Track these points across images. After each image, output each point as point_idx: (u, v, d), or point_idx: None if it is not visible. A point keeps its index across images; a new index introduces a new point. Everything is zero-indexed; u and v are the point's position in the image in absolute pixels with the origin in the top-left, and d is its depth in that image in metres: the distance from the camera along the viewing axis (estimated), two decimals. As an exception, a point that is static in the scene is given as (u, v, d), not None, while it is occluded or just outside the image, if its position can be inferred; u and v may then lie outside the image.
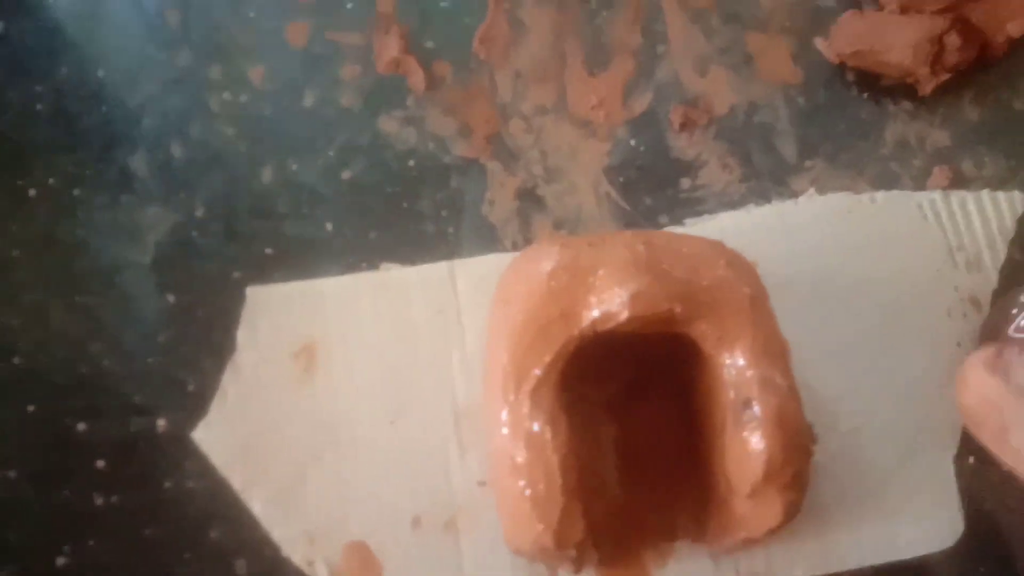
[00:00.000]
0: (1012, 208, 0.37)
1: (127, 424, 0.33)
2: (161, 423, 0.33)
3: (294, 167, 0.37)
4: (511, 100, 0.39)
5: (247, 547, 0.32)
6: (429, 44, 0.39)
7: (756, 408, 0.28)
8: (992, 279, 0.36)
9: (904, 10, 0.39)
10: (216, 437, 0.33)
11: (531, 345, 0.28)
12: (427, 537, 0.32)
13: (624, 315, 0.28)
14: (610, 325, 0.28)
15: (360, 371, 0.34)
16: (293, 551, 0.32)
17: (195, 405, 0.33)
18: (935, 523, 0.33)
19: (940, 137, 0.39)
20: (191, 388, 0.33)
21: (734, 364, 0.28)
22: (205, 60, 0.38)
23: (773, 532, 0.28)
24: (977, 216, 0.37)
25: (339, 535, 0.32)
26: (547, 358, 0.28)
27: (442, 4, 0.40)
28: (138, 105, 0.37)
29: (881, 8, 0.40)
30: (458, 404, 0.34)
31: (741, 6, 0.41)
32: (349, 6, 0.39)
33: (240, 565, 0.32)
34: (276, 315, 0.34)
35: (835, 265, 0.36)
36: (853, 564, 0.33)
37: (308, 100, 0.38)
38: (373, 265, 0.36)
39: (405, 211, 0.37)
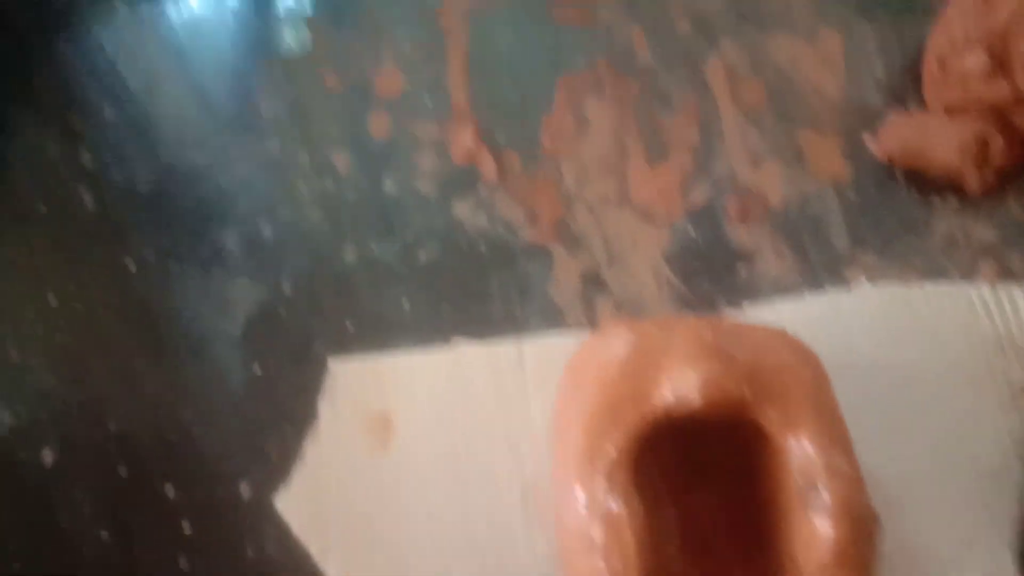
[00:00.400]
0: (1060, 302, 0.39)
1: (213, 489, 0.35)
2: (244, 488, 0.35)
3: (374, 248, 0.39)
4: (575, 189, 0.41)
5: (324, 613, 0.33)
6: (500, 136, 0.42)
7: (823, 494, 0.29)
8: (1043, 371, 0.38)
9: (949, 111, 0.42)
10: (296, 503, 0.34)
11: (605, 426, 0.30)
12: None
13: (696, 401, 0.29)
14: (683, 411, 0.30)
15: (432, 443, 0.36)
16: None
17: (277, 471, 0.35)
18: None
19: (987, 233, 0.41)
20: (273, 455, 0.35)
21: (800, 450, 0.30)
22: (293, 147, 0.41)
23: (838, 615, 0.29)
24: (1025, 309, 0.39)
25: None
26: (621, 439, 0.30)
27: (511, 99, 0.43)
28: (231, 187, 0.40)
29: (927, 109, 0.42)
30: (526, 479, 0.35)
31: (792, 106, 0.43)
32: (427, 101, 0.42)
33: (317, 631, 0.33)
34: (355, 386, 0.36)
35: (888, 354, 0.38)
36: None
37: (388, 186, 0.41)
38: (445, 340, 0.38)
39: (475, 291, 0.39)
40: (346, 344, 0.37)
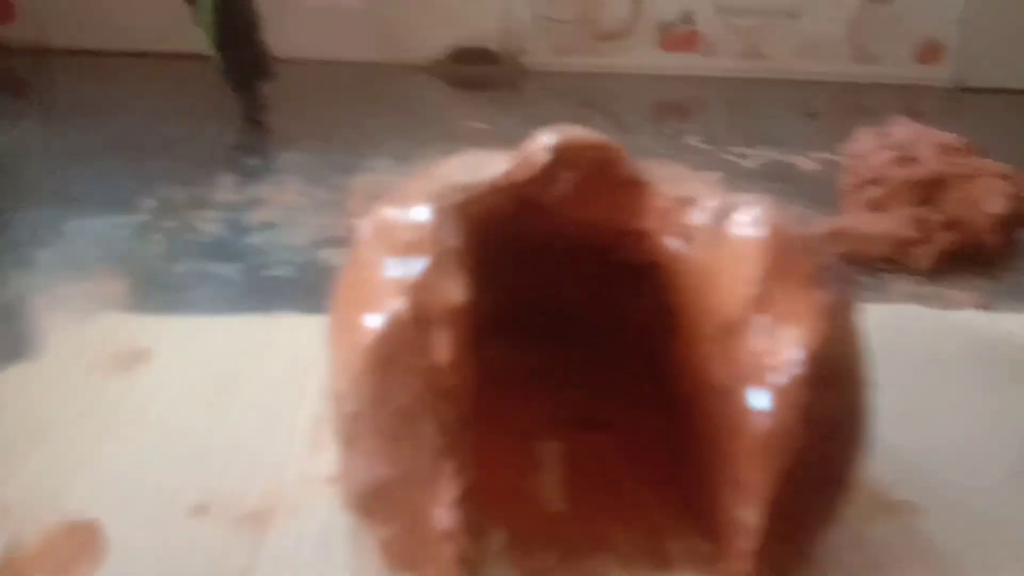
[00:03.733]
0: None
1: None
2: None
3: (210, 267, 0.33)
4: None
5: None
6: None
7: (738, 217, 0.18)
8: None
9: (872, 207, 0.38)
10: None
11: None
12: (208, 529, 0.18)
13: (547, 151, 0.21)
14: (532, 170, 0.21)
15: (195, 366, 0.24)
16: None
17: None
18: None
19: (959, 297, 0.34)
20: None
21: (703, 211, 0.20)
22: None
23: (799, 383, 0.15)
24: None
25: (53, 513, 0.18)
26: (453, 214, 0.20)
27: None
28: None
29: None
30: (320, 412, 0.22)
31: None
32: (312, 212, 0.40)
33: None
34: (109, 326, 0.26)
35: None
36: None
37: (251, 238, 0.36)
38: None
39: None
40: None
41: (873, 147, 0.40)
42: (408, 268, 0.16)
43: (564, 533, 0.18)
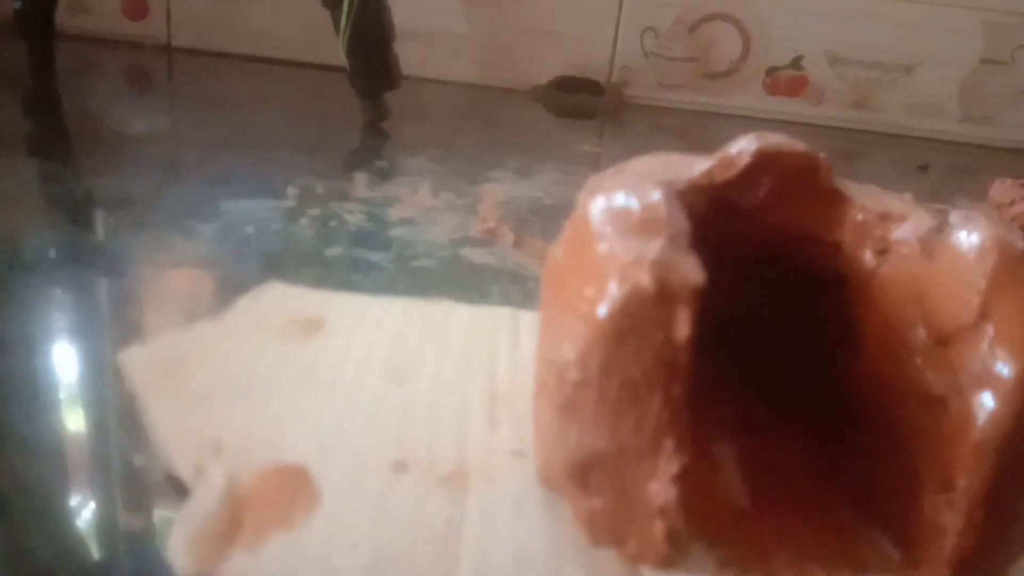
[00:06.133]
0: None
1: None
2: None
3: (361, 252, 0.34)
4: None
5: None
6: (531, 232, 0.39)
7: (959, 229, 0.18)
8: None
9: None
10: (145, 357, 0.23)
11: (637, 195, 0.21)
12: (411, 484, 0.18)
13: (748, 154, 0.22)
14: (731, 172, 0.22)
15: (369, 338, 0.25)
16: (180, 454, 0.18)
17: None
18: None
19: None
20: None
21: (909, 226, 0.20)
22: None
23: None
24: None
25: (266, 456, 0.19)
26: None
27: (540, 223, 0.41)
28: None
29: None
30: (496, 385, 0.23)
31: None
32: (451, 213, 0.41)
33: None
34: (289, 297, 0.27)
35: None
36: None
37: (394, 231, 0.37)
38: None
39: (472, 291, 0.32)
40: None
41: (1014, 197, 0.40)
42: (644, 246, 0.16)
43: (753, 528, 0.18)
